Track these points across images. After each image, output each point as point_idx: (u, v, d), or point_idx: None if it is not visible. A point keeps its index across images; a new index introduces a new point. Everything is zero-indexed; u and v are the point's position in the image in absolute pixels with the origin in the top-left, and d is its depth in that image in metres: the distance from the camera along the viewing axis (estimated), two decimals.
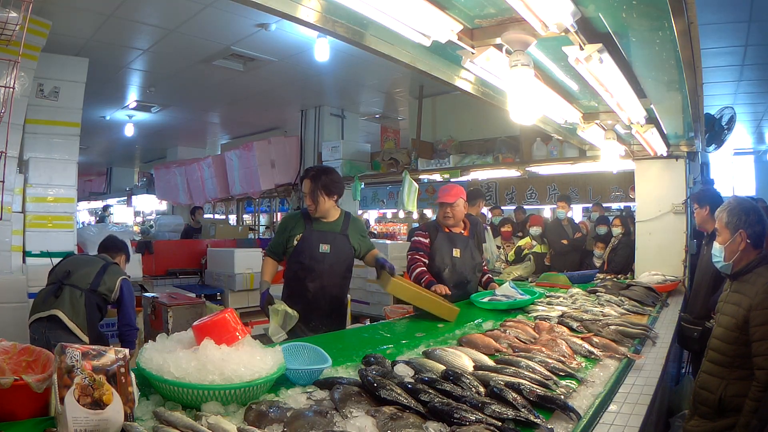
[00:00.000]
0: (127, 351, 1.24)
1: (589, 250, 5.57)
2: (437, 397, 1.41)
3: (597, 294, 3.51)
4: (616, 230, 5.22)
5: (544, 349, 2.04)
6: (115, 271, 3.23)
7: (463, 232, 3.43)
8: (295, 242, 2.89)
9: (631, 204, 6.14)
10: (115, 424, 1.15)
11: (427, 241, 3.33)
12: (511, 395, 1.44)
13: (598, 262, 5.31)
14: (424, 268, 3.23)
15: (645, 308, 3.21)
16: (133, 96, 7.00)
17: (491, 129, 6.23)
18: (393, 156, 6.67)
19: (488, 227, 6.01)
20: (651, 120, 3.18)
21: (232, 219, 10.98)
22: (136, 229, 11.04)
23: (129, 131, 8.49)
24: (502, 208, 7.22)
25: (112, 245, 3.50)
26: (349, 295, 4.91)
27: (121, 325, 3.24)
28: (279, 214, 9.74)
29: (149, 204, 13.91)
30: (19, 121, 3.87)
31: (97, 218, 14.90)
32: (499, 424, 1.30)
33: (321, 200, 2.84)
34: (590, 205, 6.41)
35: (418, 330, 2.53)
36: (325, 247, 2.87)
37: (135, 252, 5.67)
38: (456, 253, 3.33)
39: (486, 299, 3.11)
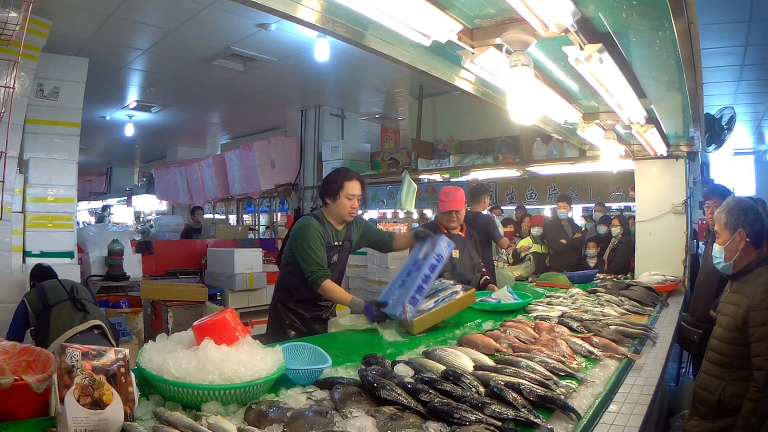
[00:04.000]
0: (127, 351, 1.24)
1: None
2: (437, 397, 1.41)
3: (597, 294, 3.50)
4: (616, 230, 5.22)
5: (544, 349, 2.04)
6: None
7: (460, 233, 3.44)
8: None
9: (631, 204, 6.14)
10: (115, 424, 1.15)
11: None
12: (511, 395, 1.44)
13: (591, 262, 5.31)
14: None
15: (645, 308, 3.21)
16: (133, 96, 7.00)
17: (491, 129, 6.23)
18: (393, 156, 6.67)
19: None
20: (651, 120, 3.17)
21: (232, 219, 10.97)
22: (136, 229, 11.02)
23: (129, 131, 8.49)
24: (502, 208, 7.22)
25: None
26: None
27: None
28: (279, 214, 9.71)
29: (149, 204, 13.89)
30: (19, 121, 3.87)
31: (96, 218, 14.86)
32: (499, 424, 1.30)
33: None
34: (590, 205, 6.40)
35: None
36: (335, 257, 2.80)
37: (135, 252, 5.67)
38: (455, 254, 3.33)
39: (477, 299, 3.11)
